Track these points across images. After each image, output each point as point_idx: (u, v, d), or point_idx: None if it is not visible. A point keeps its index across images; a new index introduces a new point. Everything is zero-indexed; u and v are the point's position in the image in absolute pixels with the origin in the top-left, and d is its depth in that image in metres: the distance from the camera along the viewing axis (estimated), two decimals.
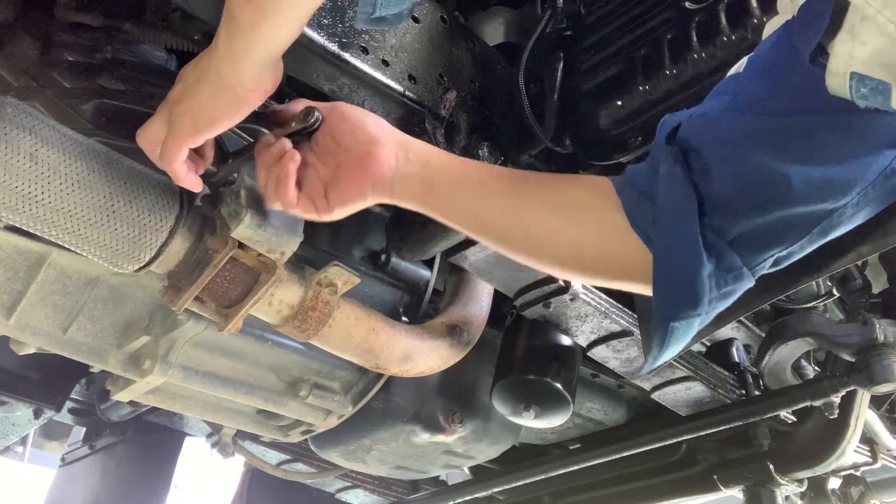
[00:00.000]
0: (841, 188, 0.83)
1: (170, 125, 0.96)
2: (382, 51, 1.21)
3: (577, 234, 0.98)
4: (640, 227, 0.93)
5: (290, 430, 1.70)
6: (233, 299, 1.20)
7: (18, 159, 0.95)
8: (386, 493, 2.64)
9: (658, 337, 0.93)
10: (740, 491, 2.03)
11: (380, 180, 0.98)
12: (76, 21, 1.27)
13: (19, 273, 1.22)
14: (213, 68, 0.91)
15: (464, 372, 1.75)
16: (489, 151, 1.32)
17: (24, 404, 2.08)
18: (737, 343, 2.07)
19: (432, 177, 0.99)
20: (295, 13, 0.86)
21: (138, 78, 1.33)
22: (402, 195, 1.00)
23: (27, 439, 3.84)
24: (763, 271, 0.91)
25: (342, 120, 1.00)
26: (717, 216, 0.88)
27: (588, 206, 0.99)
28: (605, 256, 0.98)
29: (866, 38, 0.72)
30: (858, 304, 1.71)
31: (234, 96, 0.92)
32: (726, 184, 0.87)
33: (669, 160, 0.92)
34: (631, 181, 0.97)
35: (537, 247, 1.01)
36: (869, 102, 0.75)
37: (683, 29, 1.24)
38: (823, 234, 0.87)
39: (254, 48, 0.87)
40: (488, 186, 1.01)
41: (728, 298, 0.92)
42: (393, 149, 0.99)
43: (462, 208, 1.01)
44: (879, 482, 2.30)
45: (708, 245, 0.88)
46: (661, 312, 0.92)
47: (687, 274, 0.88)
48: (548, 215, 0.99)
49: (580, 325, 1.63)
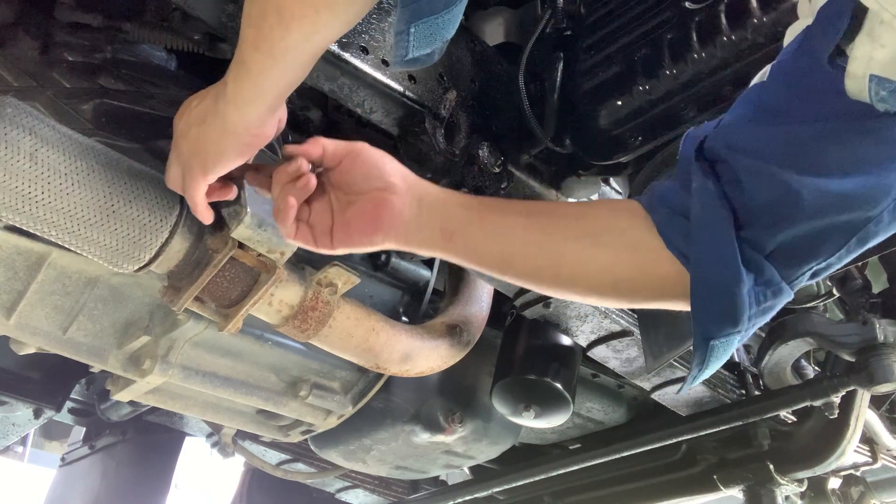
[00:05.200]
0: (875, 196, 0.82)
1: (183, 168, 0.99)
2: (382, 51, 1.21)
3: (609, 258, 0.96)
4: (675, 245, 0.91)
5: (290, 430, 1.70)
6: (233, 299, 1.20)
7: (18, 159, 0.95)
8: (386, 493, 2.64)
9: (698, 356, 0.91)
10: (740, 491, 2.03)
11: (392, 231, 0.95)
12: (76, 21, 1.27)
13: (19, 273, 1.22)
14: (220, 111, 0.92)
15: (464, 372, 1.75)
16: (489, 151, 1.32)
17: (24, 404, 2.08)
18: None
19: (451, 226, 0.97)
20: (303, 59, 0.87)
21: (138, 78, 1.33)
22: (419, 245, 0.98)
23: (27, 439, 3.83)
24: (801, 284, 0.90)
25: (357, 163, 0.96)
26: (753, 229, 0.86)
27: (616, 229, 0.97)
28: (640, 277, 0.96)
29: (886, 40, 0.71)
30: (858, 304, 1.71)
31: (237, 140, 0.93)
32: (758, 196, 0.86)
33: (700, 175, 0.90)
34: (661, 198, 0.96)
35: (570, 279, 0.98)
36: (888, 105, 0.75)
37: (683, 29, 1.24)
38: (861, 243, 0.85)
39: (262, 93, 0.89)
40: (510, 227, 0.98)
41: (767, 314, 0.90)
42: (407, 198, 0.96)
43: (486, 252, 0.99)
44: (879, 482, 2.30)
45: (746, 260, 0.86)
46: (701, 331, 0.90)
47: (726, 291, 0.86)
48: (576, 245, 0.97)
49: (580, 325, 1.63)
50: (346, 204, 0.96)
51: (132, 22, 1.29)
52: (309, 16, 0.81)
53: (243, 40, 0.86)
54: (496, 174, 1.33)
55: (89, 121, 1.24)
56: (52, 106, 1.23)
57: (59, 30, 1.27)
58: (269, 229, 1.15)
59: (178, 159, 1.00)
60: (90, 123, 1.24)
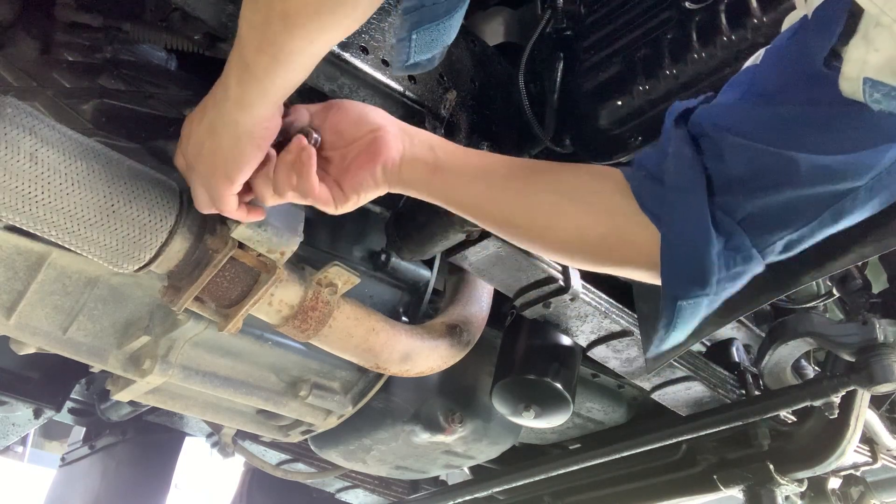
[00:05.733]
0: (855, 171, 0.83)
1: (206, 187, 1.01)
2: (382, 51, 1.21)
3: (582, 216, 0.98)
4: (648, 207, 0.94)
5: (290, 430, 1.70)
6: (233, 299, 1.20)
7: (18, 159, 0.94)
8: (386, 493, 2.64)
9: (665, 317, 0.93)
10: (740, 491, 2.03)
11: (390, 163, 1.00)
12: (76, 21, 1.27)
13: (19, 273, 1.22)
14: (228, 119, 0.93)
15: (464, 372, 1.75)
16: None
17: (24, 404, 2.08)
18: (737, 343, 2.07)
19: (437, 161, 1.01)
20: (307, 61, 0.88)
21: (138, 78, 1.33)
22: (409, 178, 1.01)
23: (27, 439, 3.83)
24: (773, 256, 0.91)
25: (343, 114, 1.01)
26: (726, 195, 0.88)
27: (593, 189, 0.99)
28: (610, 240, 0.98)
29: (880, 44, 0.72)
30: (858, 304, 1.71)
31: (251, 140, 0.94)
32: (737, 167, 0.87)
33: (678, 142, 0.92)
34: (639, 163, 0.98)
35: (541, 231, 1.01)
36: (882, 107, 0.75)
37: (683, 29, 1.24)
38: (835, 218, 0.87)
39: (268, 94, 0.90)
40: (492, 170, 1.02)
41: (736, 280, 0.91)
42: (398, 132, 1.01)
43: (465, 192, 1.02)
44: (879, 482, 2.30)
45: (717, 223, 0.88)
46: (669, 290, 0.92)
47: (695, 251, 0.88)
48: (551, 198, 1.00)
49: (580, 325, 1.63)
50: (343, 156, 1.01)
51: (132, 22, 1.29)
52: (313, 21, 0.82)
53: (246, 44, 0.87)
54: None
55: (89, 121, 1.24)
56: (52, 106, 1.23)
57: (59, 30, 1.27)
58: (269, 229, 1.15)
59: (200, 181, 1.02)
60: (90, 123, 1.24)
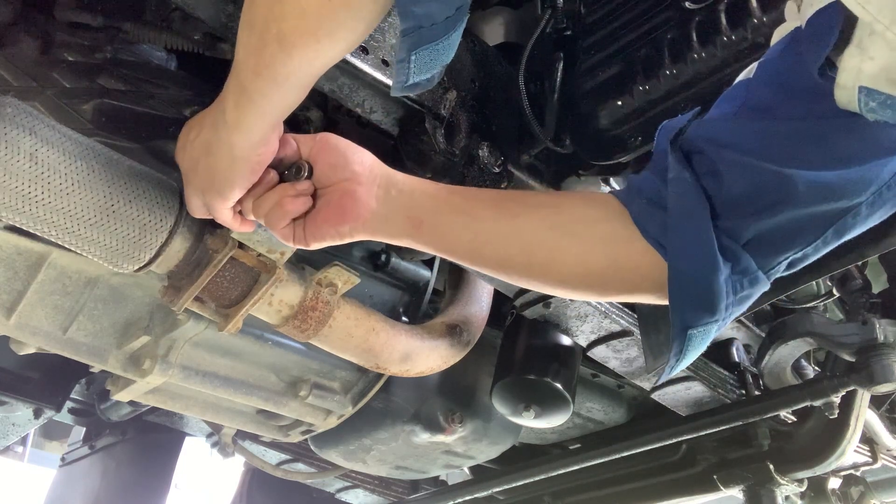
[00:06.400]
0: (854, 188, 0.82)
1: (201, 198, 1.01)
2: (382, 51, 1.21)
3: (581, 249, 0.95)
4: (652, 235, 0.91)
5: (290, 430, 1.70)
6: (233, 299, 1.20)
7: (18, 159, 0.94)
8: (386, 493, 2.64)
9: (676, 345, 0.91)
10: (740, 491, 2.03)
11: (359, 222, 0.96)
12: (76, 21, 1.27)
13: (19, 273, 1.22)
14: (224, 140, 0.92)
15: (464, 372, 1.75)
16: (489, 151, 1.32)
17: (24, 404, 2.08)
18: (737, 343, 2.07)
19: (419, 214, 0.97)
20: (304, 82, 0.87)
21: (138, 78, 1.33)
22: (388, 234, 0.98)
23: (27, 439, 3.83)
24: (778, 274, 0.91)
25: (325, 154, 0.97)
26: (730, 219, 0.87)
27: (588, 219, 0.97)
28: (612, 270, 0.95)
29: (874, 52, 0.71)
30: (858, 304, 1.71)
31: (246, 164, 0.94)
32: (736, 186, 0.86)
33: (677, 166, 0.90)
34: (637, 189, 0.96)
35: (540, 270, 0.98)
36: (878, 116, 0.75)
37: (683, 29, 1.24)
38: (838, 235, 0.86)
39: (264, 116, 0.89)
40: (479, 215, 0.97)
41: (744, 303, 0.90)
42: (372, 188, 0.96)
43: (455, 242, 0.98)
44: (879, 482, 2.30)
45: (723, 249, 0.87)
46: (679, 320, 0.90)
47: (703, 279, 0.87)
48: (547, 235, 0.96)
49: (580, 325, 1.63)
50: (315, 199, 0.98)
51: (132, 22, 1.29)
52: (311, 44, 0.81)
53: (243, 67, 0.86)
54: (496, 174, 1.33)
55: (89, 121, 1.24)
56: (52, 106, 1.23)
57: (59, 30, 1.27)
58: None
59: (195, 191, 1.02)
60: (90, 123, 1.24)
